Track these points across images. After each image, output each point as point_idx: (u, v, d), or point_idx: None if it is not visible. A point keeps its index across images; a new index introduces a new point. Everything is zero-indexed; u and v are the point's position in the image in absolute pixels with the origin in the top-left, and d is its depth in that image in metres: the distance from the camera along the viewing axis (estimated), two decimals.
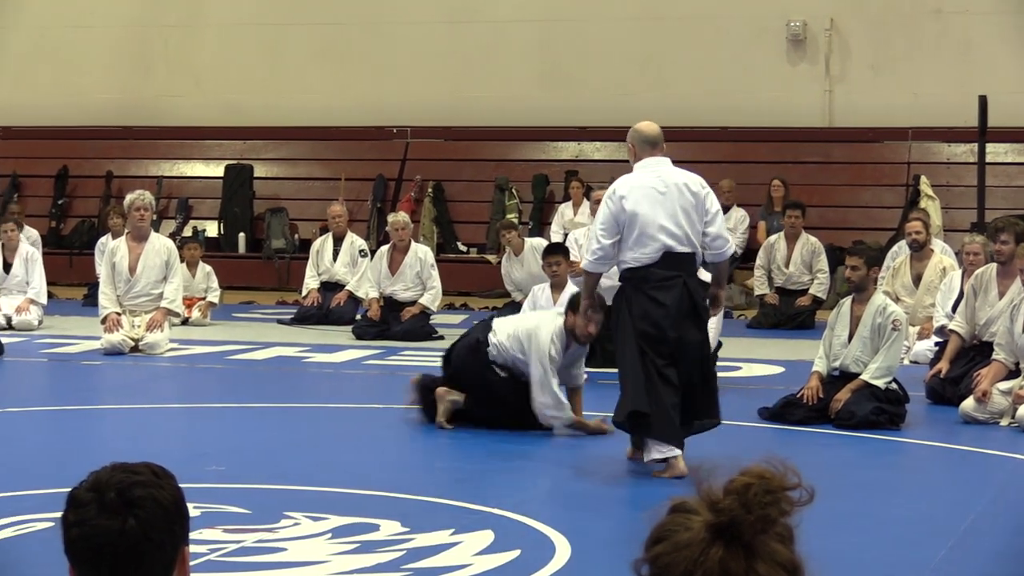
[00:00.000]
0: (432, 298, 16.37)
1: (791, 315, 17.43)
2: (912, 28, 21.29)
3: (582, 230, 14.25)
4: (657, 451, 8.96)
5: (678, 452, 8.92)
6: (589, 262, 9.27)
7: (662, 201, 8.97)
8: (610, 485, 9.21)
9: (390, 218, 17.28)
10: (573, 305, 10.22)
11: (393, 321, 16.19)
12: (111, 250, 15.19)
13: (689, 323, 8.97)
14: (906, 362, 13.25)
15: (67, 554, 2.65)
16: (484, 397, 10.53)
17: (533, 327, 10.39)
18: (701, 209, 9.06)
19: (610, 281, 9.68)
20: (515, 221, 19.82)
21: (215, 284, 17.67)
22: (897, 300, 13.60)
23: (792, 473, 2.26)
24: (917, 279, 14.79)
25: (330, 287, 17.78)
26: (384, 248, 16.95)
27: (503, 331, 10.58)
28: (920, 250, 14.81)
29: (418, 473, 9.28)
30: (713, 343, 12.42)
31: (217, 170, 22.84)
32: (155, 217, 17.00)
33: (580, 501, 8.67)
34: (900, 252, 15.44)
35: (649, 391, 8.85)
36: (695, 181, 9.15)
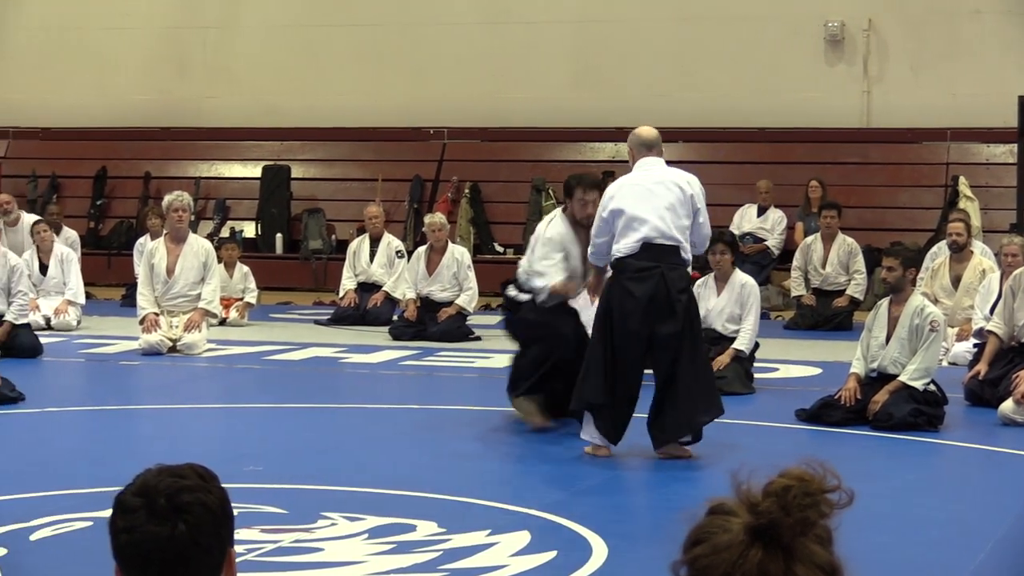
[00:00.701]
0: (469, 299, 16.38)
1: (828, 316, 17.36)
2: (951, 28, 21.19)
3: None
4: (591, 435, 9.52)
5: (609, 448, 9.49)
6: (589, 254, 9.97)
7: (647, 196, 9.44)
8: (646, 485, 9.21)
9: (427, 219, 17.30)
10: (569, 191, 10.68)
11: (430, 322, 16.20)
12: (149, 251, 15.25)
13: (664, 315, 9.27)
14: (945, 364, 13.18)
15: (115, 558, 2.65)
16: (527, 330, 10.79)
17: (539, 233, 10.79)
18: (688, 205, 9.47)
19: None
20: None
21: (252, 285, 17.71)
22: (936, 302, 13.53)
23: (831, 475, 2.25)
24: (956, 281, 14.72)
25: (367, 288, 17.81)
26: (421, 249, 16.97)
27: (521, 264, 10.97)
28: (960, 251, 14.74)
29: (454, 474, 9.28)
30: (750, 344, 12.49)
31: (254, 171, 22.89)
32: (193, 218, 17.07)
33: (617, 501, 8.67)
34: (939, 253, 15.38)
35: (608, 384, 9.31)
36: (683, 178, 9.59)
